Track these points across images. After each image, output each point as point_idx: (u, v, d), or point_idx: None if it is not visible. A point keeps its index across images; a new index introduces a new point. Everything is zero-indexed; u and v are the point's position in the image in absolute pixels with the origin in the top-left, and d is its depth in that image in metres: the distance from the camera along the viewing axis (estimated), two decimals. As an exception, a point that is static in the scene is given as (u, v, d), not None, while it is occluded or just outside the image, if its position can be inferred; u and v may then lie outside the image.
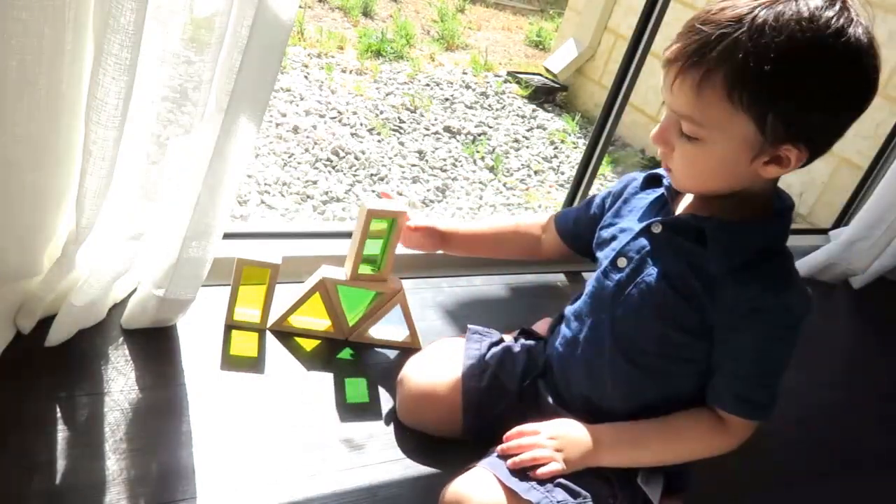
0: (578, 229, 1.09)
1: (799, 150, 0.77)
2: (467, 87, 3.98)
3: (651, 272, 0.89)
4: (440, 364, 1.07)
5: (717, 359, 0.88)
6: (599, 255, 0.99)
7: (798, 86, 0.73)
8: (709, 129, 0.78)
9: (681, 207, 0.93)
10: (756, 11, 0.73)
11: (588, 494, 0.87)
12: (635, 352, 0.91)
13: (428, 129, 3.30)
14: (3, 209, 0.90)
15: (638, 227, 0.93)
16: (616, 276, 0.93)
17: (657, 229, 0.90)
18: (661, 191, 0.95)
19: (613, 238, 0.97)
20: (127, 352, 1.07)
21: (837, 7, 0.74)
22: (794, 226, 2.60)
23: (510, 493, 0.85)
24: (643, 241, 0.92)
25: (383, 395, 1.15)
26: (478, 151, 3.21)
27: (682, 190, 0.91)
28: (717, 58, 0.74)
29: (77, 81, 0.86)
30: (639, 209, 0.97)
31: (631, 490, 0.91)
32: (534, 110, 3.92)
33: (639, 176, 1.01)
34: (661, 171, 0.95)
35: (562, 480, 0.87)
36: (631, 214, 0.97)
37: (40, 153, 0.88)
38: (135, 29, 0.79)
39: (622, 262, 0.92)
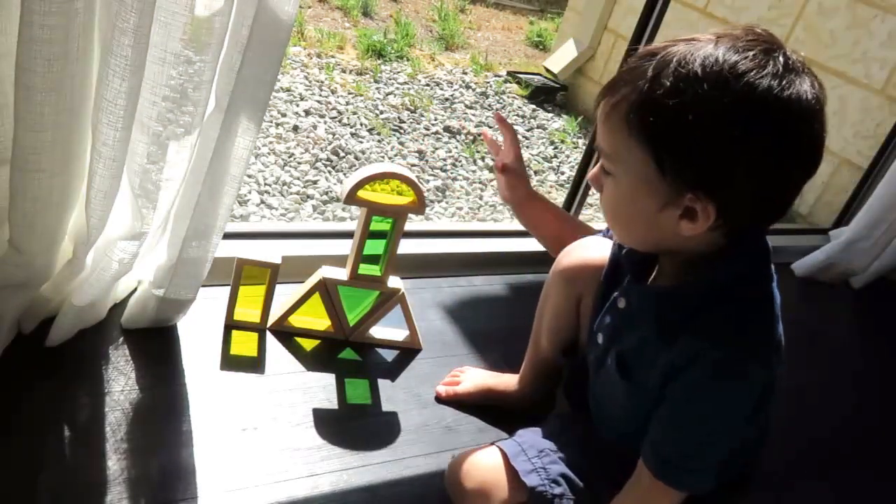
0: None
1: (701, 202, 0.71)
2: (467, 87, 3.98)
3: (611, 356, 0.88)
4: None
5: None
6: (591, 318, 0.96)
7: (688, 122, 0.68)
8: (614, 161, 0.76)
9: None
10: (677, 47, 0.71)
11: (590, 494, 0.87)
12: (618, 419, 0.92)
13: (428, 129, 3.30)
14: (35, 215, 0.91)
15: (610, 297, 0.90)
16: (593, 353, 0.92)
17: (621, 304, 0.87)
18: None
19: (597, 310, 0.94)
20: (127, 352, 1.07)
21: (771, 60, 0.68)
22: (794, 226, 2.61)
23: (512, 474, 0.86)
24: (610, 317, 0.89)
25: (383, 395, 1.15)
26: (478, 151, 3.21)
27: (618, 241, 0.88)
28: (624, 85, 0.73)
29: (88, 84, 0.86)
30: (619, 276, 0.92)
31: None
32: (534, 110, 3.91)
33: None
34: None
35: (571, 475, 0.87)
36: (615, 280, 0.93)
37: (63, 157, 0.89)
38: (142, 30, 0.79)
39: (600, 338, 0.91)
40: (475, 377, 1.18)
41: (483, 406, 1.16)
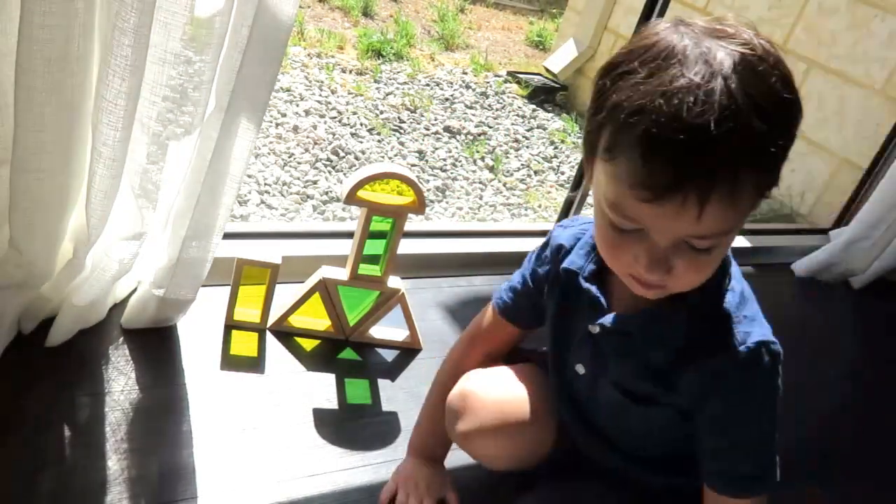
0: (527, 310, 0.96)
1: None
2: (467, 87, 3.98)
3: (604, 382, 0.85)
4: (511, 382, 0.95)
5: (698, 438, 0.82)
6: (552, 346, 0.92)
7: (777, 141, 0.62)
8: (727, 234, 0.67)
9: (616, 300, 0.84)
10: (714, 83, 0.59)
11: None
12: (622, 437, 0.90)
13: (428, 129, 3.30)
14: (35, 215, 0.91)
15: (581, 329, 0.86)
16: (579, 384, 0.89)
17: (595, 330, 0.83)
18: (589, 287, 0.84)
19: (562, 336, 0.90)
20: (127, 352, 1.07)
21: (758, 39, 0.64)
22: (794, 226, 2.61)
23: None
24: (590, 346, 0.85)
25: (383, 395, 1.15)
26: (478, 151, 3.21)
27: (664, 295, 0.75)
28: (735, 152, 0.60)
29: (88, 84, 0.86)
30: (577, 302, 0.86)
31: None
32: (534, 110, 3.91)
33: (566, 243, 0.89)
34: (571, 265, 0.85)
35: None
36: (569, 306, 0.88)
37: (63, 157, 0.89)
38: (142, 30, 0.79)
39: (580, 368, 0.88)
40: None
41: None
